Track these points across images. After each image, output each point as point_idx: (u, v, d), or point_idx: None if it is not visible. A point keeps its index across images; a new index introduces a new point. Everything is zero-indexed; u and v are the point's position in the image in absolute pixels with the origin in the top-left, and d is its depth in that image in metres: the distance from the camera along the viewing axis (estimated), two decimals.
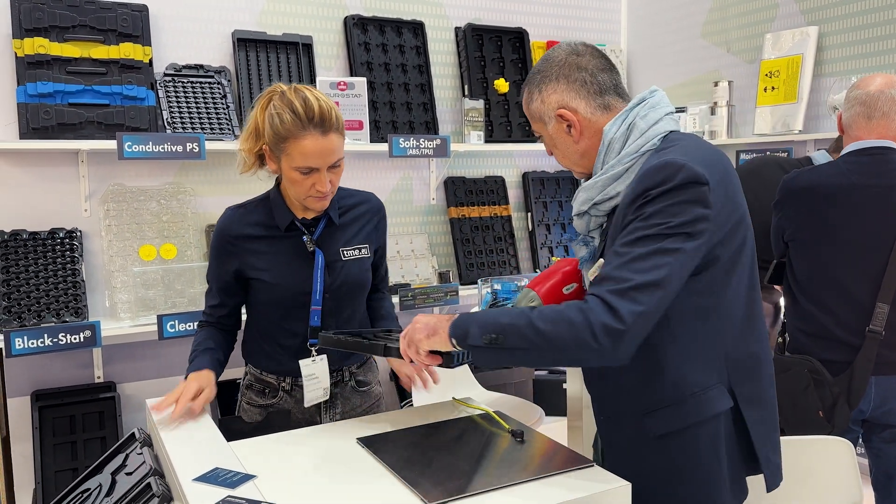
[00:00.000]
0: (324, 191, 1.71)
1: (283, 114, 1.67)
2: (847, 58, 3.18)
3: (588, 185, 1.38)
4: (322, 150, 1.68)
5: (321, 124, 1.67)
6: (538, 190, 3.86)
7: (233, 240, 1.81)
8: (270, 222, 1.82)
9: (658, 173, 1.23)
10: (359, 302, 1.92)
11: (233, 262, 1.81)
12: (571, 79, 1.39)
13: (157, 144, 2.67)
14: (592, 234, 1.43)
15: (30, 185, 2.78)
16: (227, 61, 3.12)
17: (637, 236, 1.22)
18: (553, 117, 1.41)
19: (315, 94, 1.70)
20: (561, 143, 1.43)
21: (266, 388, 1.88)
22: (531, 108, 1.45)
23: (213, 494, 1.22)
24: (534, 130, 1.48)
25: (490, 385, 3.35)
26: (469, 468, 1.30)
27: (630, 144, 1.33)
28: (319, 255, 1.80)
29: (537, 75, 1.43)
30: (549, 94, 1.40)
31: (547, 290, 1.48)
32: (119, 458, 1.59)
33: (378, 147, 3.22)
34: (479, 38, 3.67)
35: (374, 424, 1.55)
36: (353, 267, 1.86)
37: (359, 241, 1.89)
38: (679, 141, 1.32)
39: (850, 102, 2.13)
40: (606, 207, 1.36)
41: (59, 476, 2.70)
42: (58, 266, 2.75)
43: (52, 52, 2.72)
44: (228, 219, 1.84)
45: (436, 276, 3.52)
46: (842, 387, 2.03)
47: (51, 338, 2.57)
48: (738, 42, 3.65)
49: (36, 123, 2.67)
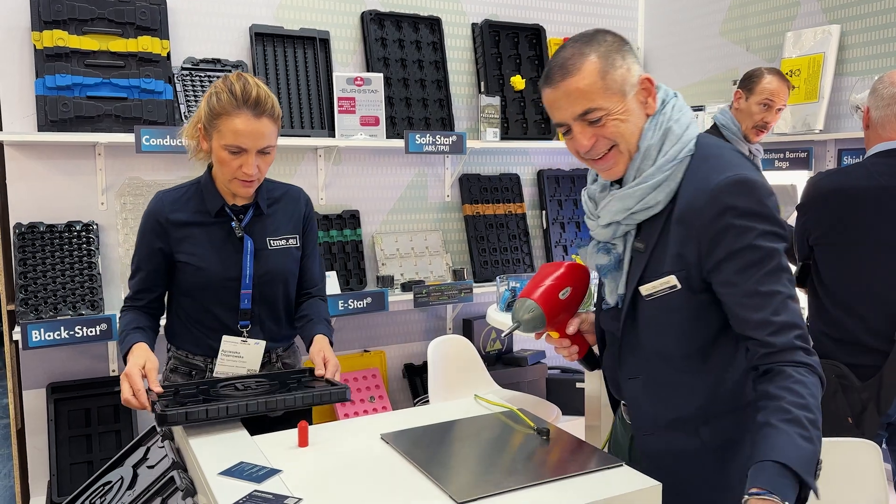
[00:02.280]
0: (250, 173, 1.73)
1: (221, 93, 1.73)
2: (869, 57, 3.15)
3: (623, 195, 1.31)
4: (253, 132, 1.71)
5: (255, 106, 1.72)
6: (553, 188, 3.84)
7: (163, 223, 1.82)
8: (201, 207, 1.84)
9: (737, 192, 1.22)
10: (286, 292, 1.92)
11: (162, 246, 1.83)
12: (633, 51, 1.33)
13: (175, 138, 2.67)
14: (615, 242, 1.37)
15: (47, 177, 2.77)
16: (245, 56, 3.11)
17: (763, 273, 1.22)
18: (636, 85, 1.29)
19: (257, 81, 1.75)
20: (635, 119, 1.29)
21: (192, 371, 1.88)
22: (613, 77, 1.26)
23: (239, 489, 1.21)
24: (593, 107, 1.26)
25: (504, 383, 3.34)
26: (496, 466, 1.29)
27: (667, 151, 1.28)
28: (248, 240, 1.82)
29: (606, 44, 1.28)
30: (631, 62, 1.30)
31: (543, 297, 1.43)
32: (140, 452, 1.58)
33: (394, 143, 3.20)
34: (495, 34, 3.65)
35: (395, 421, 1.54)
36: (278, 256, 1.88)
37: (286, 231, 1.91)
38: (715, 147, 1.31)
39: (884, 100, 2.04)
40: (643, 217, 1.31)
41: (74, 469, 2.70)
42: (74, 259, 2.74)
43: (70, 45, 2.72)
44: (159, 202, 1.85)
45: (450, 274, 3.51)
46: (871, 392, 2.00)
47: (67, 330, 2.57)
48: (757, 40, 3.61)
49: (54, 116, 2.67)
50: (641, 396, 1.37)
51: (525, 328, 1.43)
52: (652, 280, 1.30)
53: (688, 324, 1.29)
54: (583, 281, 1.48)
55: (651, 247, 1.30)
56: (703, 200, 1.23)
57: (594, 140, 1.29)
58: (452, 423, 1.51)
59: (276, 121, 1.77)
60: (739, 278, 1.22)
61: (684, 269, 1.26)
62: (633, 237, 1.35)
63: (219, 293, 1.82)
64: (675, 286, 1.27)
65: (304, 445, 1.40)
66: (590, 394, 2.69)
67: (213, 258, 1.81)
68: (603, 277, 1.41)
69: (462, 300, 3.33)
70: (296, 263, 1.93)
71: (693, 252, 1.25)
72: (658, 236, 1.29)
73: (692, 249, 1.25)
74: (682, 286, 1.27)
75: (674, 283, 1.27)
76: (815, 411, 1.17)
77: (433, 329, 3.58)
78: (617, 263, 1.37)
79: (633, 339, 1.36)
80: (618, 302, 1.38)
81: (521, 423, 1.50)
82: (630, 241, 1.35)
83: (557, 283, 1.44)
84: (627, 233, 1.36)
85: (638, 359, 1.36)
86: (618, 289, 1.37)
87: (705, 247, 1.23)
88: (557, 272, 1.46)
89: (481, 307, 3.57)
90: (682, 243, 1.26)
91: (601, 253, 1.39)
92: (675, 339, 1.30)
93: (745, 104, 2.74)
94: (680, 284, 1.27)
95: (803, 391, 1.17)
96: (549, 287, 1.44)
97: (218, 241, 1.82)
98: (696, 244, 1.24)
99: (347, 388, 1.64)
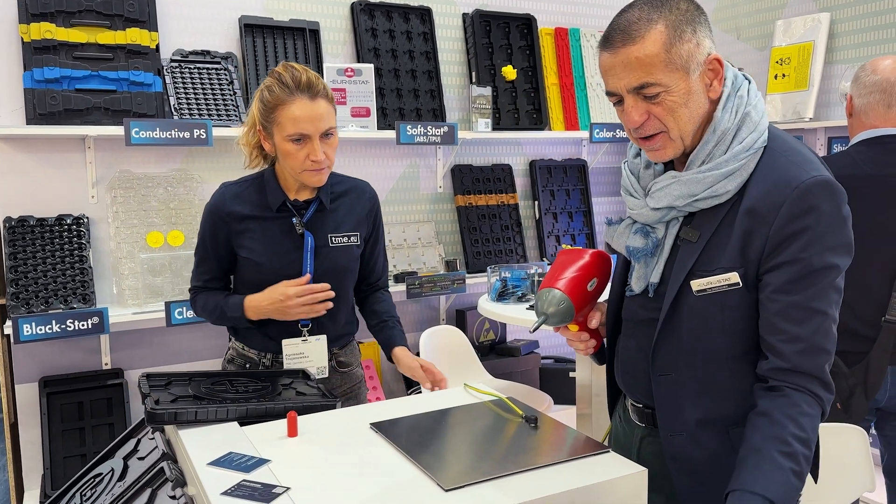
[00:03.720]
0: (318, 159, 1.73)
1: (273, 86, 1.73)
2: (859, 45, 3.15)
3: (690, 179, 1.20)
4: (311, 115, 1.71)
5: (308, 89, 1.72)
6: (545, 178, 3.84)
7: (225, 216, 1.83)
8: (262, 202, 1.84)
9: (822, 193, 1.14)
10: (344, 287, 1.92)
11: (226, 237, 1.84)
12: (709, 24, 1.20)
13: (165, 131, 2.66)
14: (656, 226, 1.27)
15: (37, 171, 2.77)
16: (234, 47, 3.10)
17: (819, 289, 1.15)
18: (703, 65, 1.18)
19: (304, 67, 1.76)
20: (695, 103, 1.18)
21: (247, 363, 1.90)
22: (679, 51, 1.15)
23: (228, 479, 1.21)
24: (651, 82, 1.15)
25: (498, 373, 3.35)
26: (484, 453, 1.29)
27: (744, 139, 1.18)
28: (309, 237, 1.82)
29: (679, 12, 1.15)
30: (703, 37, 1.17)
31: (571, 288, 1.31)
32: (131, 443, 1.59)
33: (385, 134, 3.20)
34: (486, 24, 3.64)
35: (386, 410, 1.54)
36: (339, 254, 1.87)
37: (348, 228, 1.89)
38: (791, 140, 1.22)
39: (866, 88, 2.05)
40: (706, 205, 1.20)
41: (68, 462, 2.70)
42: (65, 252, 2.74)
43: (58, 38, 2.71)
44: (221, 195, 1.86)
45: (442, 265, 3.51)
46: (858, 378, 2.01)
47: (59, 324, 2.56)
48: (748, 29, 3.62)
49: (43, 109, 2.66)
50: (673, 395, 1.28)
51: (552, 321, 1.34)
52: (706, 274, 1.20)
53: (744, 323, 1.21)
54: (607, 271, 1.39)
55: (707, 238, 1.21)
56: (783, 196, 1.14)
57: (646, 117, 1.19)
58: (441, 412, 1.52)
59: (332, 102, 1.77)
60: (794, 287, 1.14)
61: (745, 265, 1.18)
62: (680, 224, 1.25)
63: None
64: (735, 284, 1.18)
65: (294, 435, 1.40)
66: (581, 382, 2.71)
67: (272, 254, 1.81)
68: (634, 261, 1.30)
69: (455, 291, 3.34)
70: (356, 262, 1.92)
71: (758, 248, 1.16)
72: (717, 227, 1.20)
73: (758, 245, 1.16)
74: (742, 284, 1.18)
75: (735, 281, 1.18)
76: (811, 447, 1.13)
77: (426, 320, 3.59)
78: (654, 249, 1.27)
79: (672, 334, 1.25)
80: (647, 290, 1.29)
81: (510, 411, 1.50)
82: (673, 228, 1.26)
83: (584, 274, 1.34)
84: (675, 218, 1.25)
85: (674, 355, 1.26)
86: (649, 276, 1.28)
87: (774, 245, 1.15)
88: (582, 261, 1.35)
89: (474, 298, 3.58)
90: (749, 238, 1.17)
91: (638, 235, 1.28)
92: (726, 338, 1.22)
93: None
94: (741, 282, 1.18)
95: (807, 425, 1.12)
96: (577, 277, 1.33)
97: (277, 237, 1.82)
98: (765, 241, 1.16)
99: (338, 401, 1.63)
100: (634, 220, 1.31)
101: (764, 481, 1.08)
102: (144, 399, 1.51)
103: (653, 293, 1.28)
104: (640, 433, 1.39)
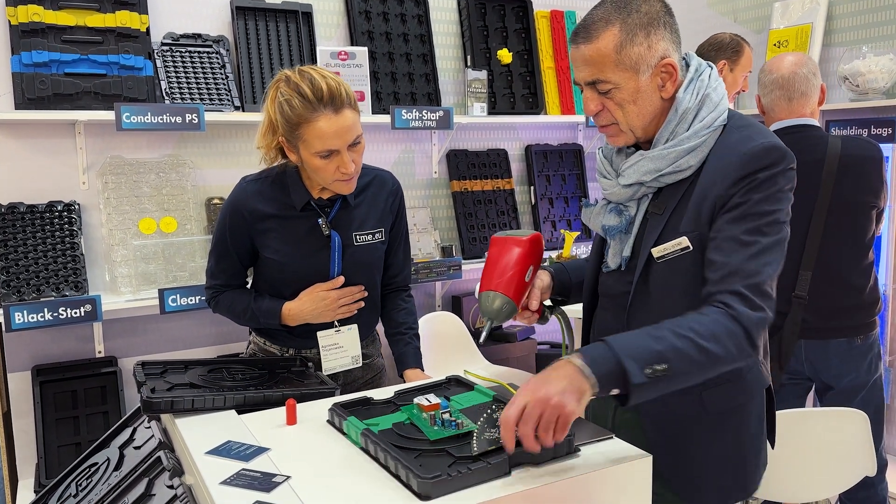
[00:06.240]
0: (349, 172, 1.68)
1: (292, 99, 1.63)
2: (857, 27, 3.13)
3: (656, 156, 1.29)
4: (338, 129, 1.63)
5: (332, 102, 1.63)
6: (541, 163, 3.82)
7: (246, 214, 1.78)
8: (285, 200, 1.78)
9: (766, 157, 1.22)
10: (371, 283, 1.89)
11: (247, 236, 1.79)
12: (671, 27, 1.28)
13: (156, 115, 2.62)
14: (629, 204, 1.36)
15: (26, 157, 2.72)
16: (226, 30, 3.05)
17: (753, 225, 1.20)
18: (654, 68, 1.26)
19: (321, 72, 1.66)
20: (644, 101, 1.28)
21: None
22: (628, 53, 1.24)
23: (227, 468, 1.19)
24: (602, 79, 1.26)
25: (494, 359, 3.34)
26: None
27: (704, 117, 1.28)
28: (336, 237, 1.78)
29: (638, 15, 1.24)
30: (657, 41, 1.26)
31: (509, 286, 1.35)
32: (126, 433, 1.57)
33: (380, 119, 3.16)
34: (482, 7, 3.60)
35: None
36: (363, 252, 1.84)
37: (371, 224, 1.86)
38: (748, 119, 1.32)
39: (768, 87, 2.29)
40: (671, 180, 1.30)
41: (62, 451, 2.68)
42: (56, 240, 2.70)
43: (46, 21, 2.65)
44: (242, 192, 1.80)
45: (438, 251, 3.49)
46: (772, 351, 2.21)
47: (51, 312, 2.53)
48: (745, 11, 3.58)
49: (31, 94, 2.61)
50: None
51: (498, 321, 1.39)
52: (665, 242, 1.28)
53: (696, 287, 1.26)
54: (540, 253, 1.43)
55: (670, 210, 1.29)
56: (733, 163, 1.23)
57: (601, 108, 1.30)
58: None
59: (356, 107, 1.68)
60: (729, 225, 1.21)
61: (697, 229, 1.25)
62: (650, 200, 1.33)
63: (302, 288, 1.79)
64: (686, 247, 1.26)
65: (293, 423, 1.39)
66: None
67: (296, 254, 1.78)
68: (610, 239, 1.39)
69: (451, 277, 3.32)
70: (381, 259, 1.90)
71: (708, 212, 1.24)
72: (680, 200, 1.28)
73: (708, 209, 1.24)
74: (693, 247, 1.25)
75: (686, 245, 1.26)
76: (711, 343, 1.13)
77: (422, 306, 3.57)
78: (627, 226, 1.35)
79: (643, 302, 1.33)
80: (620, 264, 1.36)
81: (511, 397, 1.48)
82: (644, 205, 1.34)
83: (521, 268, 1.38)
84: (644, 195, 1.34)
85: (646, 323, 1.30)
86: (623, 251, 1.35)
87: (722, 202, 1.23)
88: (517, 253, 1.38)
89: (470, 283, 3.56)
90: (701, 204, 1.25)
91: (612, 213, 1.37)
92: (690, 301, 1.27)
93: (731, 75, 2.78)
94: (692, 245, 1.25)
95: (710, 325, 1.14)
96: (514, 275, 1.37)
97: (302, 236, 1.78)
98: (713, 203, 1.23)
99: (338, 388, 1.62)
100: (609, 200, 1.40)
101: (623, 339, 1.14)
102: (140, 387, 1.49)
103: (625, 266, 1.36)
104: (614, 402, 1.42)
